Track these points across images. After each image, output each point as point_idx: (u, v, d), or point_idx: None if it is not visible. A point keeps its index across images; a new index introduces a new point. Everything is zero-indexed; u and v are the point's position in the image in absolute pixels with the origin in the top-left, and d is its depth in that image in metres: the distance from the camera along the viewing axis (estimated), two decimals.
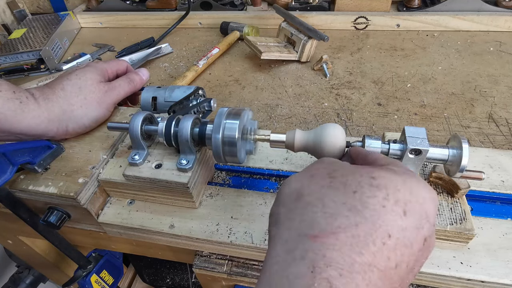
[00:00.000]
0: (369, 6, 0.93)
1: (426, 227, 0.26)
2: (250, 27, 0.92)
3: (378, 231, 0.24)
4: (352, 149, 0.38)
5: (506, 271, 0.39)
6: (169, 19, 1.03)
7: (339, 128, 0.39)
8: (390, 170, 0.28)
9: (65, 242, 0.59)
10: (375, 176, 0.27)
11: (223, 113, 0.42)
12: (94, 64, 0.55)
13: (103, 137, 0.52)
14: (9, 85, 0.46)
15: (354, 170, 0.28)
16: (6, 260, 1.19)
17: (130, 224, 0.48)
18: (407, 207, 0.25)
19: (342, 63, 0.83)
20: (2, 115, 0.44)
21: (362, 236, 0.23)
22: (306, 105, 0.71)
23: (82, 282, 0.68)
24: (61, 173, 0.47)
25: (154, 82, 0.83)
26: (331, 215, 0.25)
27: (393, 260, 0.24)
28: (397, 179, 0.27)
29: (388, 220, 0.24)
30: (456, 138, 0.38)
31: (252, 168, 0.53)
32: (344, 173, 0.28)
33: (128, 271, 1.28)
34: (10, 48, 0.90)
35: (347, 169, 0.29)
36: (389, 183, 0.26)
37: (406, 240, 0.24)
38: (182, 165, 0.44)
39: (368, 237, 0.23)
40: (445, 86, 0.73)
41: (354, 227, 0.24)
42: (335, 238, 0.24)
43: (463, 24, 0.88)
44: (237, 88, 0.78)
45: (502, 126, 0.62)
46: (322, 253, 0.23)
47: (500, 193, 0.45)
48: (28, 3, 1.15)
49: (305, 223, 0.26)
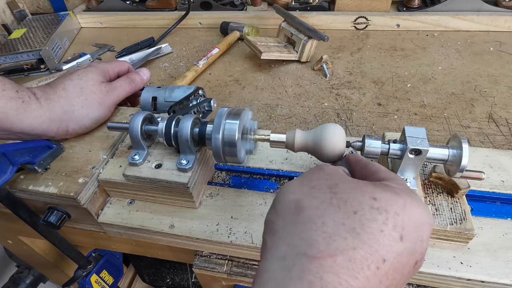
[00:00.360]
0: (369, 6, 0.93)
1: (419, 251, 0.26)
2: (250, 27, 0.92)
3: (374, 255, 0.24)
4: (352, 157, 0.37)
5: (506, 271, 0.39)
6: (169, 19, 1.03)
7: (339, 128, 0.39)
8: (392, 190, 0.28)
9: (65, 242, 0.59)
10: (376, 198, 0.27)
11: (223, 113, 0.42)
12: (95, 65, 0.55)
13: (103, 137, 0.52)
14: (12, 84, 0.46)
15: (356, 187, 0.28)
16: (6, 260, 1.19)
17: (130, 224, 0.48)
18: (404, 232, 0.26)
19: (342, 63, 0.83)
20: (4, 114, 0.44)
21: (358, 260, 0.24)
22: (306, 105, 0.71)
23: (82, 282, 0.68)
24: (61, 173, 0.47)
25: (154, 82, 0.83)
26: (330, 236, 0.25)
27: (384, 283, 0.24)
28: (397, 202, 0.27)
29: (384, 245, 0.25)
30: (456, 138, 0.38)
31: (252, 168, 0.53)
32: (346, 189, 0.28)
33: (128, 271, 1.28)
34: (10, 48, 0.91)
35: (349, 184, 0.29)
36: (390, 206, 0.26)
37: (399, 264, 0.25)
38: (182, 165, 0.44)
39: (364, 262, 0.24)
40: (445, 86, 0.73)
41: (351, 251, 0.24)
42: (333, 260, 0.24)
43: (463, 24, 0.88)
44: (237, 88, 0.78)
45: (502, 126, 0.62)
46: (319, 276, 0.23)
47: (500, 193, 0.45)
48: (28, 3, 1.15)
49: (303, 241, 0.25)
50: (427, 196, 0.42)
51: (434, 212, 0.40)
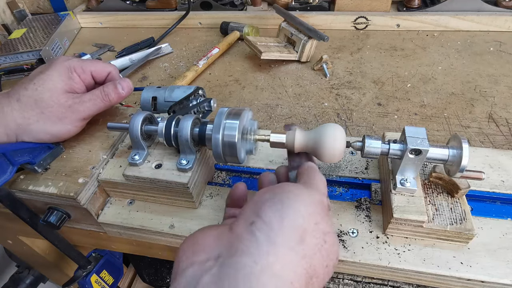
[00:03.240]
0: (369, 6, 0.93)
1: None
2: (250, 27, 0.92)
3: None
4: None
5: (506, 271, 0.39)
6: (169, 19, 1.03)
7: (339, 128, 0.39)
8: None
9: (65, 242, 0.59)
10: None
11: (223, 113, 0.42)
12: (62, 62, 0.47)
13: (103, 137, 0.52)
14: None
15: (336, 240, 0.32)
16: (6, 260, 1.19)
17: (130, 224, 0.48)
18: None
19: (342, 63, 0.83)
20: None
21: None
22: (306, 105, 0.71)
23: (82, 282, 0.68)
24: (61, 173, 0.47)
25: (154, 82, 0.83)
26: (310, 277, 0.29)
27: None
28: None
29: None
30: (456, 138, 0.38)
31: (252, 168, 0.53)
32: (331, 241, 0.31)
33: (128, 271, 1.28)
34: (10, 48, 0.90)
35: (333, 236, 0.32)
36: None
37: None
38: (182, 165, 0.44)
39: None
40: (445, 86, 0.73)
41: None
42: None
43: (463, 24, 0.88)
44: (237, 88, 0.78)
45: (502, 126, 0.62)
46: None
47: (500, 193, 0.45)
48: (28, 3, 1.15)
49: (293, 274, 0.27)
50: (427, 196, 0.42)
51: (434, 212, 0.40)
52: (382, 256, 0.41)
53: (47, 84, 0.45)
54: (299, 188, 0.32)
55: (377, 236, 0.43)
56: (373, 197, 0.47)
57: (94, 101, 0.47)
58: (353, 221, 0.45)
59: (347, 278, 0.46)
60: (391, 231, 0.42)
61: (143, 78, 0.85)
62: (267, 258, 0.26)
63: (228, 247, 0.28)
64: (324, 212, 0.32)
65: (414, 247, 0.41)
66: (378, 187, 0.48)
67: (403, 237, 0.42)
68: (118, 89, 0.49)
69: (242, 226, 0.29)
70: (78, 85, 0.48)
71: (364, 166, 0.51)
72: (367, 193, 0.49)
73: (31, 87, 0.45)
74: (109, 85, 0.49)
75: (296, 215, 0.29)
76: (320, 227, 0.30)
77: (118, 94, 0.49)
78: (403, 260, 0.40)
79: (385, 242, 0.42)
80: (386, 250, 0.41)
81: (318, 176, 0.36)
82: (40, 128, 0.45)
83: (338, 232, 0.44)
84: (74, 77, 0.47)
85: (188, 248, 0.30)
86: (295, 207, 0.29)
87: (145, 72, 0.87)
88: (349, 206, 0.47)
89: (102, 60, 0.92)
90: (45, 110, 0.45)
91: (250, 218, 0.29)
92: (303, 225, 0.29)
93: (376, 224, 0.44)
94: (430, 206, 0.41)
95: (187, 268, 0.28)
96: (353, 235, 0.43)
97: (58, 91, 0.45)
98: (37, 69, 0.48)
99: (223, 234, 0.30)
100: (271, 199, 0.30)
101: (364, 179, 0.49)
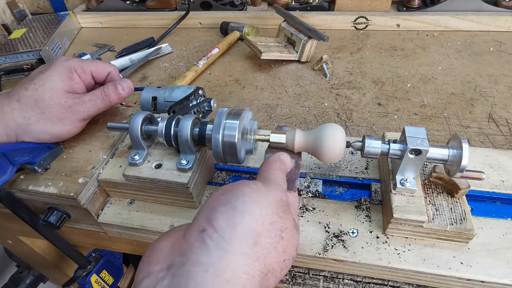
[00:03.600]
0: (369, 6, 0.93)
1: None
2: (250, 27, 0.92)
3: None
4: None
5: (506, 271, 0.39)
6: (169, 19, 1.03)
7: (339, 128, 0.39)
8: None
9: (65, 242, 0.59)
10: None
11: (223, 113, 0.42)
12: (62, 62, 0.47)
13: (103, 137, 0.52)
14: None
15: (294, 234, 0.33)
16: (6, 260, 1.19)
17: (130, 224, 0.48)
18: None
19: (342, 63, 0.83)
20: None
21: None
22: (306, 105, 0.71)
23: (82, 282, 0.68)
24: (61, 173, 0.47)
25: (154, 82, 0.83)
26: (265, 275, 0.29)
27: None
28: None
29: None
30: (456, 138, 0.38)
31: (252, 168, 0.53)
32: (288, 237, 0.32)
33: (128, 271, 1.28)
34: (10, 48, 0.90)
35: (292, 231, 0.32)
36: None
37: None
38: (182, 165, 0.44)
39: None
40: (445, 86, 0.73)
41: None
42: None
43: (463, 24, 0.88)
44: (237, 88, 0.78)
45: (502, 126, 0.62)
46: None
47: (500, 193, 0.45)
48: (28, 3, 1.15)
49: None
50: (427, 196, 0.42)
51: (434, 212, 0.40)
52: (382, 256, 0.41)
53: (47, 84, 0.45)
54: (255, 189, 0.32)
55: (377, 236, 0.43)
56: (373, 197, 0.47)
57: (94, 101, 0.47)
58: (353, 221, 0.45)
59: (347, 278, 0.46)
60: (391, 231, 0.42)
61: (143, 78, 0.85)
62: (217, 266, 0.26)
63: (181, 256, 0.28)
64: (282, 209, 0.32)
65: (414, 247, 0.41)
66: (378, 187, 0.48)
67: (403, 237, 0.42)
68: (119, 90, 0.49)
69: (194, 234, 0.29)
70: (78, 85, 0.48)
71: (364, 166, 0.51)
72: (367, 193, 0.49)
73: (31, 87, 0.45)
74: (110, 85, 0.49)
75: (250, 219, 0.29)
76: (277, 226, 0.30)
77: (118, 95, 0.49)
78: (403, 260, 0.40)
79: (385, 242, 0.42)
80: (386, 250, 0.41)
81: (277, 171, 0.36)
82: (40, 128, 0.45)
83: (338, 232, 0.44)
84: (74, 77, 0.47)
85: (146, 258, 0.30)
86: (249, 212, 0.29)
87: (145, 72, 0.87)
88: (349, 206, 0.47)
89: (102, 60, 0.92)
90: (45, 110, 0.45)
91: (201, 225, 0.29)
92: (257, 229, 0.29)
93: (376, 224, 0.44)
94: (430, 206, 0.41)
95: (143, 279, 0.28)
96: (353, 235, 0.43)
97: (58, 91, 0.45)
98: (37, 69, 0.48)
99: (177, 242, 0.30)
100: (223, 204, 0.30)
101: (364, 179, 0.49)
